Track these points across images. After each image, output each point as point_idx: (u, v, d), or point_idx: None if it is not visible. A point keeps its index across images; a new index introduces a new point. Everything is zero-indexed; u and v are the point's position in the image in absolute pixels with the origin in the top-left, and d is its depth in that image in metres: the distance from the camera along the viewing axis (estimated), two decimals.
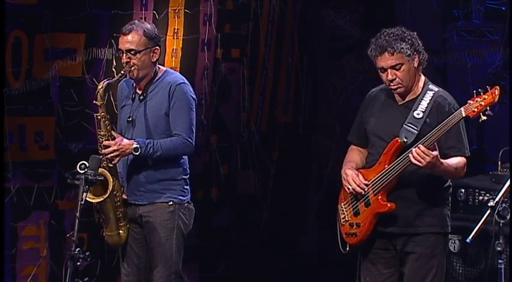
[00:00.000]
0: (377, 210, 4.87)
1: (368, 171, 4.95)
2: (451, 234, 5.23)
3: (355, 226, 4.95)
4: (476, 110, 4.69)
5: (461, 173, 4.94)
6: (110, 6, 6.82)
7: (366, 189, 4.89)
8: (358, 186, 4.89)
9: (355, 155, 5.10)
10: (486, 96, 4.69)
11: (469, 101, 4.73)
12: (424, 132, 4.80)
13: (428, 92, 4.94)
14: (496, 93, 4.69)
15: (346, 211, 5.00)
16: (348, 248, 5.00)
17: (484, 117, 4.70)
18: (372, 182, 4.88)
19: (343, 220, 5.00)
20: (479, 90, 4.72)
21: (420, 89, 4.95)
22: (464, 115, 4.72)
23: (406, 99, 4.96)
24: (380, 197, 4.86)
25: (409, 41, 4.85)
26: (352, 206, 4.97)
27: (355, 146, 5.13)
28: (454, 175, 4.92)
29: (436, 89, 4.97)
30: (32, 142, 6.60)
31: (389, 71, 4.87)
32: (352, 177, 4.93)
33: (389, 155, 4.86)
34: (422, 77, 4.99)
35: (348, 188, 4.92)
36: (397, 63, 4.85)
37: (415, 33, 4.93)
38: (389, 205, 4.85)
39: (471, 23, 7.84)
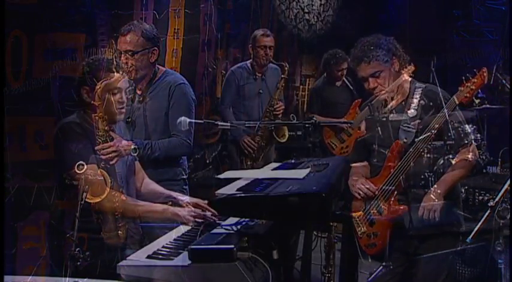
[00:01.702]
0: (391, 215, 4.87)
1: (374, 179, 4.95)
2: None
3: (372, 236, 4.94)
4: (468, 95, 4.68)
5: (472, 165, 4.92)
6: (110, 6, 6.81)
7: (376, 192, 4.88)
8: (369, 189, 4.89)
9: (359, 169, 5.10)
10: (475, 80, 4.68)
11: (459, 88, 4.72)
12: (422, 129, 4.81)
13: (416, 89, 4.94)
14: (485, 74, 4.68)
15: (361, 223, 4.98)
16: (370, 259, 5.00)
17: (478, 101, 4.69)
18: (380, 189, 4.88)
19: (360, 232, 4.99)
20: (468, 75, 4.71)
21: (408, 90, 4.95)
22: (457, 102, 4.70)
23: (397, 103, 4.96)
24: (391, 202, 4.86)
25: (385, 47, 4.85)
26: (366, 216, 4.95)
27: (358, 163, 5.14)
28: (464, 175, 4.90)
29: (423, 85, 4.97)
30: (32, 142, 6.59)
31: (370, 79, 4.88)
32: (361, 182, 4.93)
33: (394, 158, 4.88)
34: (408, 78, 4.98)
35: (359, 194, 4.92)
36: (375, 71, 4.85)
37: (392, 38, 4.91)
38: (401, 208, 4.85)
39: (471, 23, 7.83)
